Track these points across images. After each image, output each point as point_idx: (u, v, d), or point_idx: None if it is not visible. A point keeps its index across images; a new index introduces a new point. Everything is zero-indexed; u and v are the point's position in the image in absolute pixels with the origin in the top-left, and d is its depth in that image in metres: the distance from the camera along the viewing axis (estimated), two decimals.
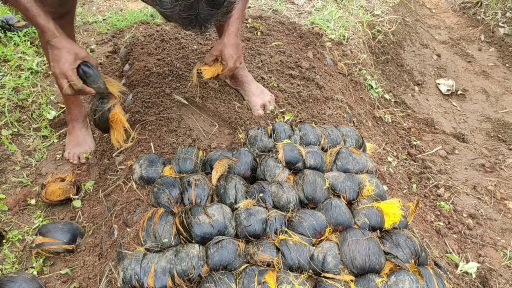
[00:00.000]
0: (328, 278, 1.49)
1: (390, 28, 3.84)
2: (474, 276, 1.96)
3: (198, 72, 2.05)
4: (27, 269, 1.78)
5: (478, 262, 2.07)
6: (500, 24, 4.57)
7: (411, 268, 1.55)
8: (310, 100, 2.43)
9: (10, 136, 2.35)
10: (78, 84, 1.67)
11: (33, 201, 2.06)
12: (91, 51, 3.09)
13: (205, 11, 1.32)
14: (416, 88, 3.73)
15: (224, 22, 1.94)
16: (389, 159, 2.59)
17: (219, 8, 1.35)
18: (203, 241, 1.57)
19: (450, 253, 2.07)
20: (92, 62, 1.73)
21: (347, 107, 2.56)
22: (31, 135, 2.39)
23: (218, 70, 1.99)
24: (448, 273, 1.84)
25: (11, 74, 2.69)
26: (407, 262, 1.57)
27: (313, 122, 2.28)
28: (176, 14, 1.32)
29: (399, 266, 1.54)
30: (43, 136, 2.40)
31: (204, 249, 1.54)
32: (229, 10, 1.40)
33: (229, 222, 1.62)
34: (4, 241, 1.88)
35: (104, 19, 3.52)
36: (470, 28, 4.75)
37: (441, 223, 2.27)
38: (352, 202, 1.81)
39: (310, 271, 1.53)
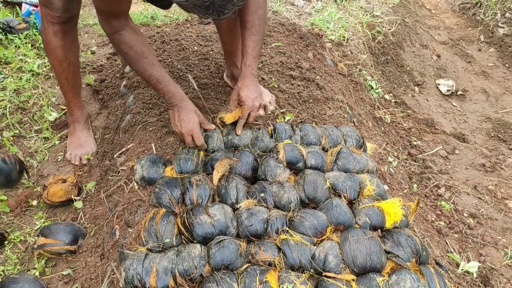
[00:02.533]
0: (329, 277, 1.49)
1: (390, 29, 3.85)
2: (475, 275, 1.96)
3: (220, 121, 2.07)
4: (29, 270, 1.78)
5: (479, 261, 2.07)
6: (499, 24, 4.58)
7: (412, 267, 1.55)
8: (311, 100, 2.43)
9: (12, 138, 2.35)
10: (202, 140, 1.93)
11: (34, 202, 2.07)
12: (92, 53, 3.10)
13: None
14: (416, 88, 3.74)
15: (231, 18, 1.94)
16: (390, 159, 2.59)
17: None
18: (205, 241, 1.58)
19: (451, 252, 2.07)
20: (206, 127, 2.01)
21: (348, 108, 2.57)
22: (33, 136, 2.39)
23: (238, 114, 2.00)
24: (449, 272, 1.84)
25: (12, 76, 2.70)
26: (408, 261, 1.57)
27: (314, 123, 2.29)
28: (191, 3, 1.31)
29: (400, 265, 1.55)
30: (44, 137, 2.40)
31: (206, 249, 1.54)
32: None
33: (231, 222, 1.63)
34: (6, 242, 1.89)
35: None
36: (470, 29, 4.76)
37: (442, 223, 2.27)
38: (353, 201, 1.81)
39: (312, 270, 1.53)
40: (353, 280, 1.50)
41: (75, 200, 2.05)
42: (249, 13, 1.85)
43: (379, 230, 1.71)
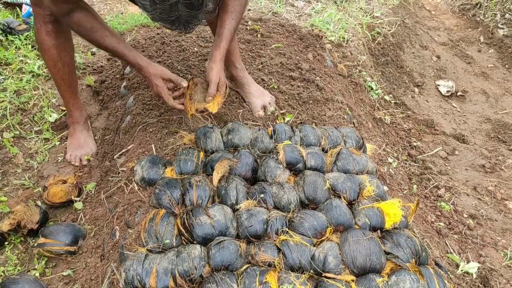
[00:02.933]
0: (329, 278, 1.49)
1: (389, 30, 3.85)
2: (475, 276, 1.97)
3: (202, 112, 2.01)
4: (29, 270, 1.79)
5: (478, 262, 2.07)
6: (499, 25, 4.58)
7: (411, 268, 1.55)
8: (311, 101, 2.44)
9: (12, 139, 2.36)
10: (171, 101, 1.92)
11: (38, 203, 2.06)
12: (92, 54, 3.10)
13: (185, 13, 1.35)
14: (416, 89, 3.75)
15: (214, 19, 1.95)
16: (390, 160, 2.59)
17: (199, 9, 1.37)
18: (205, 241, 1.58)
19: (451, 253, 2.07)
20: (178, 82, 1.94)
21: (347, 109, 2.57)
22: (33, 137, 2.40)
23: (220, 99, 1.97)
24: (448, 273, 1.84)
25: (13, 77, 2.70)
26: (408, 262, 1.58)
27: (314, 123, 2.29)
28: (158, 16, 1.35)
29: (399, 266, 1.55)
30: (44, 138, 2.41)
31: (206, 250, 1.55)
32: (210, 10, 1.43)
33: (230, 223, 1.63)
34: (6, 243, 1.89)
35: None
36: (470, 30, 4.77)
37: (441, 224, 2.28)
38: (353, 202, 1.82)
39: (311, 271, 1.53)
40: (352, 280, 1.50)
41: (75, 201, 2.06)
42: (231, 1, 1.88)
43: (378, 231, 1.71)
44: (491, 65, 4.22)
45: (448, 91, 3.76)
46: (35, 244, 1.82)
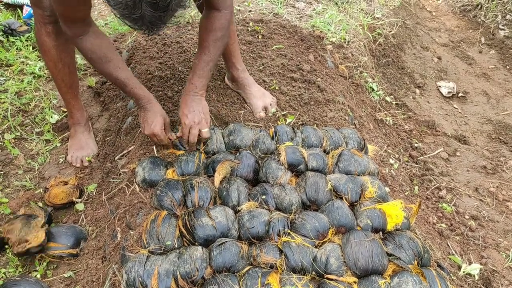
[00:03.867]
0: (331, 279, 1.49)
1: (390, 31, 3.85)
2: (477, 277, 1.96)
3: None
4: (30, 272, 1.78)
5: (480, 263, 2.07)
6: (500, 26, 4.58)
7: (414, 270, 1.55)
8: (312, 102, 2.44)
9: (13, 140, 2.35)
10: (165, 140, 1.92)
11: (40, 205, 2.06)
12: None
13: (149, 13, 1.30)
14: (417, 90, 3.74)
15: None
16: (391, 161, 2.59)
17: (164, 11, 1.32)
18: (206, 243, 1.58)
19: (453, 254, 2.07)
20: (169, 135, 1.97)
21: (349, 110, 2.57)
22: (34, 139, 2.40)
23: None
24: (451, 274, 1.84)
25: (14, 78, 2.70)
26: (410, 264, 1.57)
27: (315, 125, 2.29)
28: (120, 12, 1.31)
29: (402, 267, 1.55)
30: (45, 140, 2.41)
31: (207, 251, 1.54)
32: (173, 15, 1.38)
33: (232, 224, 1.63)
34: (6, 246, 1.88)
35: (106, 24, 3.54)
36: (471, 31, 4.77)
37: (443, 225, 2.27)
38: (355, 204, 1.81)
39: (313, 272, 1.53)
40: (355, 282, 1.50)
41: (77, 202, 2.05)
42: (207, 32, 1.85)
43: (380, 233, 1.70)
44: (492, 66, 4.22)
45: (449, 92, 3.76)
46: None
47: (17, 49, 2.96)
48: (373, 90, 3.22)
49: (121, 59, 1.83)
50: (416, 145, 2.98)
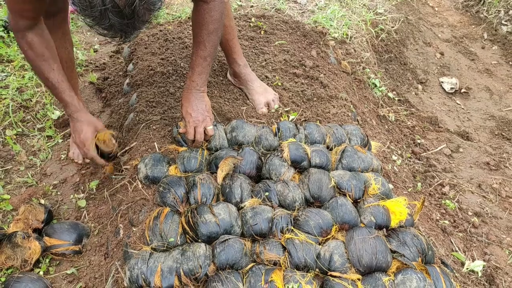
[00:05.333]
0: (335, 277, 1.49)
1: (393, 27, 3.83)
2: (480, 274, 1.95)
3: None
4: (33, 269, 1.78)
5: (484, 260, 2.06)
6: (503, 22, 4.55)
7: (418, 267, 1.54)
8: (315, 98, 2.43)
9: (15, 136, 2.35)
10: (92, 153, 1.86)
11: (41, 201, 2.06)
12: (94, 51, 3.09)
13: (116, 22, 1.27)
14: (420, 86, 3.72)
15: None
16: (394, 157, 2.58)
17: (131, 18, 1.29)
18: (209, 240, 1.57)
19: (456, 251, 2.06)
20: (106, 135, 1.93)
21: (351, 106, 2.56)
22: (36, 135, 2.39)
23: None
24: (454, 271, 1.83)
25: (15, 74, 2.69)
26: (414, 261, 1.57)
27: (318, 121, 2.28)
28: (90, 22, 1.30)
29: (406, 264, 1.54)
30: (47, 136, 2.40)
31: (211, 248, 1.54)
32: (147, 19, 1.36)
33: (235, 221, 1.62)
34: None
35: None
36: (473, 26, 4.74)
37: (446, 222, 2.26)
38: (358, 200, 1.81)
39: (317, 270, 1.53)
40: (358, 279, 1.49)
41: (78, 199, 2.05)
42: (199, 26, 1.82)
43: (384, 229, 1.70)
44: (495, 62, 4.20)
45: (451, 88, 3.74)
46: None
47: (18, 44, 2.95)
48: (375, 86, 3.20)
49: (58, 63, 1.79)
50: (419, 141, 2.97)
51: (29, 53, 1.73)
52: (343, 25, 3.36)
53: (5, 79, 2.63)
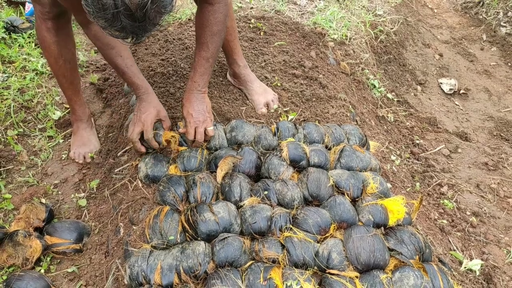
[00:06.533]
0: (333, 274, 1.50)
1: (392, 28, 3.85)
2: (478, 273, 1.97)
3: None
4: (34, 267, 1.79)
5: (481, 259, 2.07)
6: (501, 23, 4.57)
7: (415, 265, 1.56)
8: (314, 99, 2.44)
9: (16, 137, 2.36)
10: (149, 135, 1.89)
11: (42, 201, 2.07)
12: (95, 52, 3.11)
13: (128, 24, 1.29)
14: (419, 87, 3.74)
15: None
16: (392, 157, 2.60)
17: (143, 21, 1.31)
18: (209, 238, 1.59)
19: (454, 250, 2.07)
20: (166, 124, 1.98)
21: (350, 106, 2.57)
22: (37, 135, 2.41)
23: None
24: (452, 270, 1.84)
25: (16, 75, 2.71)
26: (412, 259, 1.58)
27: (317, 121, 2.29)
28: (102, 24, 1.31)
29: (403, 262, 1.55)
30: (48, 136, 2.41)
31: (210, 246, 1.55)
32: (158, 22, 1.37)
33: (234, 220, 1.64)
34: None
35: None
36: (472, 28, 4.76)
37: (444, 221, 2.28)
38: (356, 199, 1.82)
39: (315, 267, 1.54)
40: (356, 277, 1.51)
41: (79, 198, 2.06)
42: (202, 28, 1.84)
43: (382, 228, 1.71)
44: (493, 63, 4.21)
45: (450, 89, 3.76)
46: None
47: (19, 46, 2.97)
48: (374, 87, 3.22)
49: (126, 48, 1.86)
50: (417, 141, 2.99)
51: (98, 43, 1.83)
52: (342, 27, 3.38)
53: (6, 80, 2.65)
